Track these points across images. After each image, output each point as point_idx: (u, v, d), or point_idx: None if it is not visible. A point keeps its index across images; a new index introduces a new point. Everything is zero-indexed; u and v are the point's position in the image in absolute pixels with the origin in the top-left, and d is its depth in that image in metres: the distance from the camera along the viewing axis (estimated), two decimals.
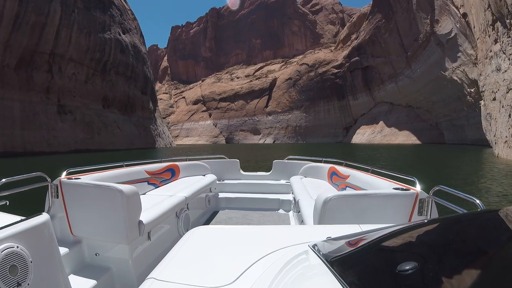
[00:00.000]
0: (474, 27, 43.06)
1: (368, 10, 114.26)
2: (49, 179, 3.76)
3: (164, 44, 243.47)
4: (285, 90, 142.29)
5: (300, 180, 6.69)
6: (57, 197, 3.75)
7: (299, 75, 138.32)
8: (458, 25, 60.41)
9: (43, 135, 51.58)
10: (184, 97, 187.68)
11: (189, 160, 7.69)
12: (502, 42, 28.83)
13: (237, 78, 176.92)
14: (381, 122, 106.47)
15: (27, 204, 4.00)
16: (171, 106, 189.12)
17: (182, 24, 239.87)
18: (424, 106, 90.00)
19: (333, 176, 6.41)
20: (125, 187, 3.34)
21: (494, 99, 32.07)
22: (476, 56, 55.39)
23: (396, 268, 1.00)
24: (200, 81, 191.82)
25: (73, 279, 3.20)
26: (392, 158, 35.05)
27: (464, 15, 52.52)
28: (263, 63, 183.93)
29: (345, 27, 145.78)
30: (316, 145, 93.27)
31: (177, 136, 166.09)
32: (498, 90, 30.59)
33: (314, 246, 1.59)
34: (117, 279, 3.49)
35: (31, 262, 1.87)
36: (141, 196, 3.81)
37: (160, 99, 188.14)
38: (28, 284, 1.83)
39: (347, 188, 5.36)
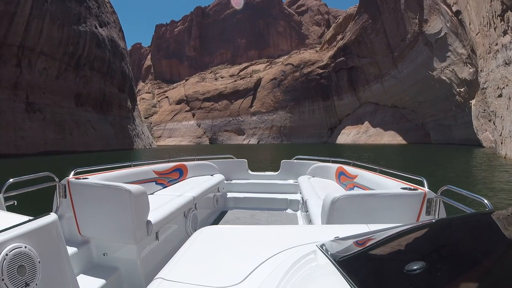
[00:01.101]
0: (469, 24, 40.92)
1: (354, 11, 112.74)
2: (57, 179, 3.78)
3: (148, 42, 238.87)
4: (270, 90, 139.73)
5: (308, 180, 6.66)
6: (65, 197, 3.74)
7: (284, 75, 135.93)
8: (448, 24, 59.16)
9: (10, 136, 46.76)
10: (167, 97, 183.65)
11: (197, 160, 7.62)
12: None
13: (222, 77, 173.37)
14: (366, 123, 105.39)
15: (35, 204, 4.15)
16: (154, 106, 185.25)
17: (166, 23, 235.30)
18: (410, 106, 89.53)
19: (341, 176, 6.37)
20: (133, 187, 3.34)
21: (500, 95, 29.33)
22: (468, 55, 54.60)
23: (404, 268, 1.00)
24: (184, 81, 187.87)
25: (81, 279, 3.20)
26: (391, 159, 31.89)
27: (457, 13, 50.71)
28: (248, 63, 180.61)
29: (331, 27, 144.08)
30: (301, 146, 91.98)
31: (160, 136, 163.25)
32: (507, 85, 27.77)
33: (322, 246, 1.60)
34: (125, 279, 3.47)
35: (39, 262, 1.86)
36: (149, 196, 3.74)
37: (143, 98, 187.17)
38: (36, 284, 1.82)
39: (355, 188, 5.34)
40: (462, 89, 61.20)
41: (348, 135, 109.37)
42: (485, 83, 33.49)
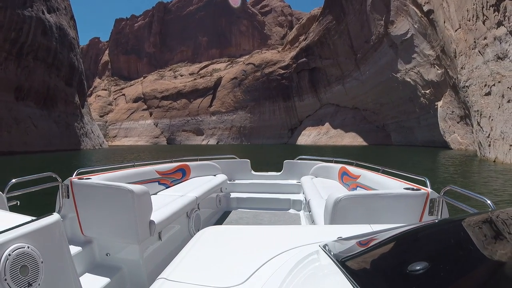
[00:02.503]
0: (444, 22, 39.21)
1: (318, 12, 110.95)
2: (59, 179, 3.79)
3: (107, 37, 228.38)
4: (230, 89, 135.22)
5: (311, 180, 6.70)
6: (68, 197, 3.77)
7: (245, 74, 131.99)
8: (416, 25, 58.40)
9: None
10: (124, 95, 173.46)
11: (200, 160, 7.64)
12: None
13: (181, 76, 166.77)
14: (326, 124, 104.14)
15: (38, 204, 4.42)
16: (110, 104, 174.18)
17: (127, 17, 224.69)
18: (371, 108, 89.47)
19: (343, 176, 6.37)
20: (136, 187, 3.36)
21: (489, 93, 26.81)
22: (437, 56, 52.92)
23: (407, 268, 1.00)
24: (142, 78, 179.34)
25: (84, 279, 3.22)
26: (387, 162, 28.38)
27: (428, 12, 49.07)
28: (208, 62, 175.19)
29: (294, 28, 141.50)
30: (261, 146, 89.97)
31: (115, 136, 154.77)
32: (499, 82, 25.09)
33: (325, 246, 1.60)
34: (128, 279, 3.49)
35: (42, 262, 1.86)
36: (151, 196, 3.84)
37: (99, 96, 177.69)
38: (39, 284, 1.82)
39: (357, 188, 5.36)
40: (427, 91, 61.10)
41: (308, 136, 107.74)
42: (467, 81, 30.83)
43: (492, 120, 26.15)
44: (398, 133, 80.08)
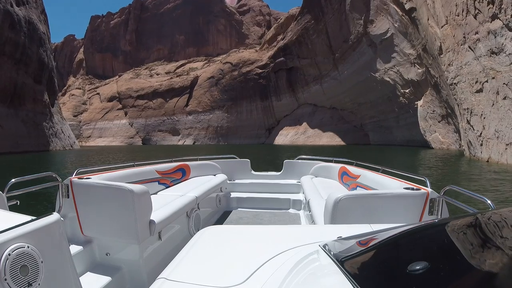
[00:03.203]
0: (428, 19, 38.11)
1: (296, 12, 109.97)
2: (59, 179, 3.76)
3: (83, 35, 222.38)
4: (207, 89, 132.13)
5: (311, 180, 6.68)
6: (68, 197, 3.74)
7: (222, 73, 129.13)
8: (397, 24, 57.66)
9: None
10: (98, 93, 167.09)
11: (200, 160, 7.60)
12: (511, 15, 21.38)
13: (157, 74, 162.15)
14: (304, 123, 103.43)
15: (38, 204, 4.87)
16: (84, 103, 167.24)
17: (103, 14, 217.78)
18: (349, 108, 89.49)
19: (343, 176, 6.33)
20: (136, 187, 3.35)
21: (481, 90, 25.54)
22: (418, 55, 51.93)
23: (407, 268, 1.00)
24: (117, 77, 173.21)
25: (84, 279, 3.20)
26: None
27: (410, 10, 47.88)
28: (185, 60, 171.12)
29: (272, 27, 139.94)
30: (238, 146, 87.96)
31: (90, 136, 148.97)
32: (493, 78, 23.73)
33: (325, 246, 1.61)
34: (128, 279, 3.47)
35: (41, 262, 1.86)
36: (151, 196, 3.79)
37: (73, 94, 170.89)
38: (39, 284, 1.82)
39: (357, 188, 5.34)
40: (407, 90, 60.77)
41: (286, 136, 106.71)
42: (455, 78, 29.53)
43: (484, 118, 24.88)
44: (376, 133, 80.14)
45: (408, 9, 48.70)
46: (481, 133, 25.54)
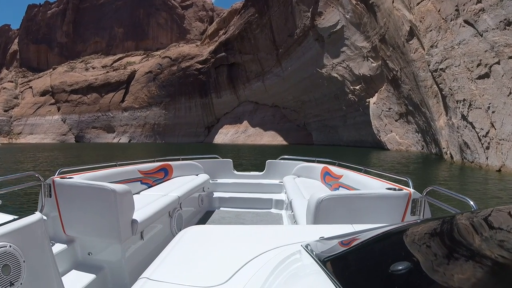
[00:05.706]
0: (393, 2, 30.79)
1: (240, 6, 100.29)
2: (42, 179, 3.64)
3: (19, 25, 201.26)
4: (144, 84, 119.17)
5: (293, 180, 6.51)
6: (50, 197, 3.63)
7: (160, 68, 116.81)
8: (348, 15, 50.40)
9: None
10: (31, 87, 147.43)
11: (182, 159, 7.32)
12: None
13: (93, 68, 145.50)
14: (245, 122, 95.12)
15: (21, 203, 3.83)
16: (16, 97, 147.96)
17: (40, 3, 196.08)
18: (292, 106, 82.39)
19: (326, 176, 6.23)
20: (118, 187, 3.28)
21: (486, 75, 18.03)
22: (373, 47, 43.47)
23: (389, 268, 0.98)
24: (51, 70, 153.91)
25: (66, 278, 3.15)
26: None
27: None
28: (123, 54, 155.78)
29: (214, 22, 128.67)
30: (177, 145, 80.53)
31: (20, 133, 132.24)
32: (511, 58, 14.74)
33: (307, 246, 1.58)
34: (110, 278, 3.42)
35: (24, 261, 1.85)
36: (134, 196, 3.69)
37: (4, 88, 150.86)
38: (21, 283, 1.81)
39: (340, 188, 5.25)
40: (357, 87, 53.71)
41: (226, 135, 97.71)
42: (442, 62, 20.78)
43: (493, 112, 16.87)
44: (320, 132, 73.82)
45: None
46: (487, 132, 17.73)
